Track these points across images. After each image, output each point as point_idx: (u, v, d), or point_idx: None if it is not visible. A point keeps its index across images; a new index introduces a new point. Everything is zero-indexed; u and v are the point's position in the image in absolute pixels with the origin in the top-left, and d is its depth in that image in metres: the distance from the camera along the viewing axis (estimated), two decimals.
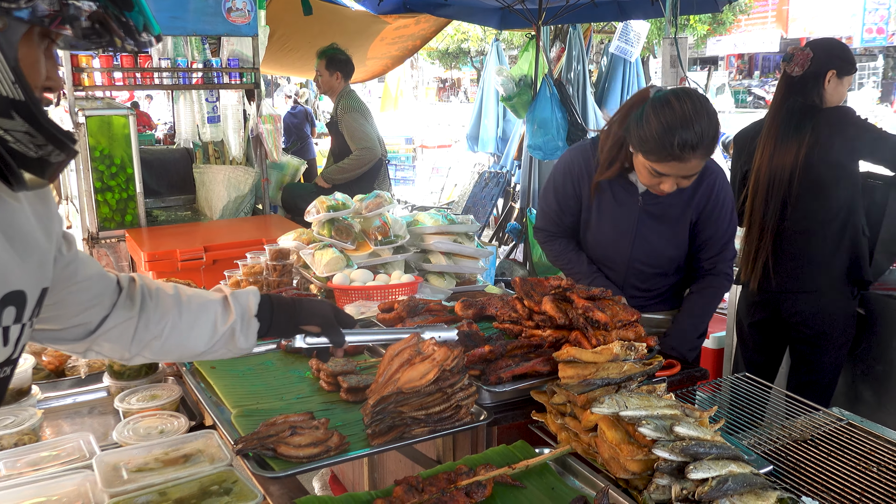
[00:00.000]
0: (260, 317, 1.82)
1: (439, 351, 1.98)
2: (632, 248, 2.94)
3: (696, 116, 2.43)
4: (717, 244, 2.86)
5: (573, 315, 2.25)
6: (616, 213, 2.90)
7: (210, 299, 1.78)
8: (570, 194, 2.95)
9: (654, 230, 2.89)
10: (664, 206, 2.84)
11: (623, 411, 1.82)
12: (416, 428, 1.93)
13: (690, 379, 2.51)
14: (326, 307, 1.94)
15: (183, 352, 1.77)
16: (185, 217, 6.27)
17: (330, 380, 2.31)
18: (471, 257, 3.59)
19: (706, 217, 2.82)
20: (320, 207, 3.35)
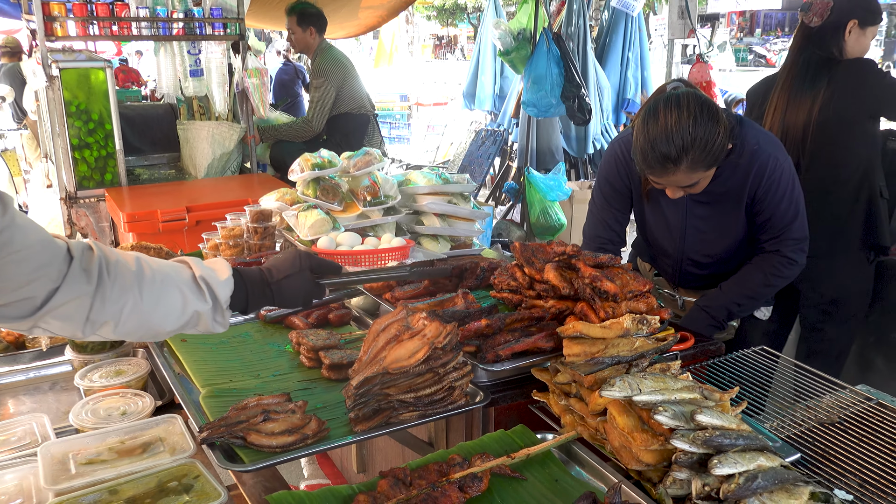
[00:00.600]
0: (234, 306, 1.67)
1: (430, 326, 1.77)
2: (682, 241, 2.73)
3: (678, 128, 2.27)
4: (776, 226, 2.61)
5: (579, 285, 2.04)
6: (663, 205, 2.69)
7: (178, 278, 1.57)
8: (621, 190, 2.79)
9: (705, 220, 2.68)
10: (714, 193, 2.60)
11: (637, 395, 1.62)
12: (405, 412, 1.73)
13: (705, 353, 2.30)
14: (304, 286, 1.77)
15: (145, 333, 1.56)
16: (168, 176, 6.02)
17: (311, 355, 2.11)
18: (466, 219, 3.36)
19: (761, 200, 2.58)
20: (304, 165, 3.10)
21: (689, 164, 2.31)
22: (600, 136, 9.37)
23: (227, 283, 1.60)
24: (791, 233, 2.64)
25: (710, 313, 2.67)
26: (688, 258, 2.80)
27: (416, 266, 1.91)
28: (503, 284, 2.34)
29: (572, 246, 2.09)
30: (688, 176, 2.36)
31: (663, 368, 1.89)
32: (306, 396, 1.93)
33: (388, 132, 14.01)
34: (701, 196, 2.61)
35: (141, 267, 1.52)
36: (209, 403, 1.84)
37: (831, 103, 3.30)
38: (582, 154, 9.32)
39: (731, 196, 2.60)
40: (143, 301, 1.50)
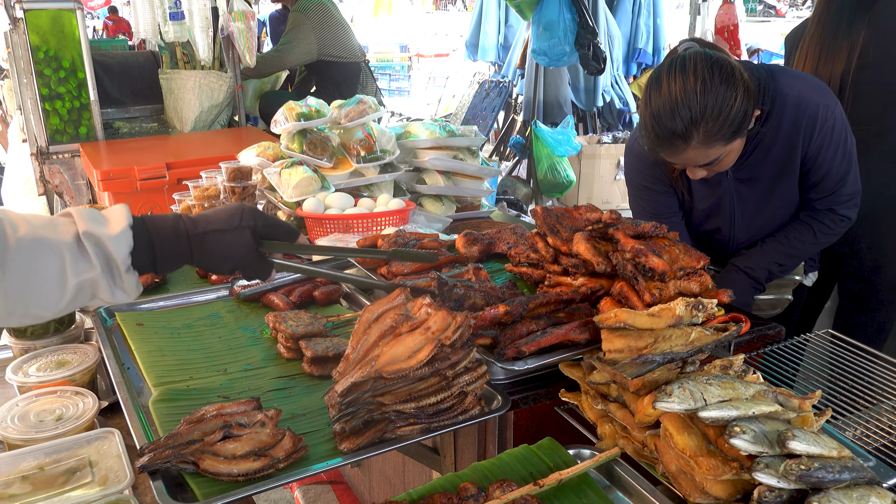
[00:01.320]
0: (138, 265, 1.26)
1: (436, 317, 1.39)
2: (732, 226, 2.34)
3: (683, 98, 1.90)
4: (829, 184, 2.23)
5: (618, 261, 1.66)
6: (706, 192, 2.31)
7: (55, 241, 1.19)
8: (657, 188, 2.38)
9: (755, 198, 2.29)
10: (759, 165, 2.21)
11: (704, 410, 1.25)
12: (403, 425, 1.36)
13: (762, 339, 1.93)
14: (238, 250, 1.34)
15: (21, 317, 1.20)
16: (150, 129, 5.59)
17: (290, 344, 1.74)
18: (474, 177, 2.97)
19: (813, 157, 2.18)
20: (289, 115, 2.70)
21: (702, 139, 1.91)
22: (610, 87, 8.91)
23: (122, 238, 1.21)
24: (845, 188, 2.25)
25: (750, 274, 2.28)
26: (741, 240, 2.41)
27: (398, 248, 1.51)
28: (521, 257, 1.96)
29: (609, 212, 1.70)
30: (703, 152, 1.95)
31: (725, 366, 1.52)
32: (283, 399, 1.56)
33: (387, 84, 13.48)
34: (744, 172, 2.21)
35: (1, 232, 1.14)
36: (160, 410, 1.48)
37: (870, 48, 2.88)
38: (591, 107, 8.87)
39: (780, 162, 2.19)
40: (5, 276, 1.12)
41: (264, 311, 2.01)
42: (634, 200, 2.46)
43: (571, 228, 1.87)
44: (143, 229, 1.26)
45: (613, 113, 9.18)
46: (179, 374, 1.64)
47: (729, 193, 2.29)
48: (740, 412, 1.25)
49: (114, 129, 5.45)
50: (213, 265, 1.33)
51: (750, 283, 2.30)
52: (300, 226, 2.62)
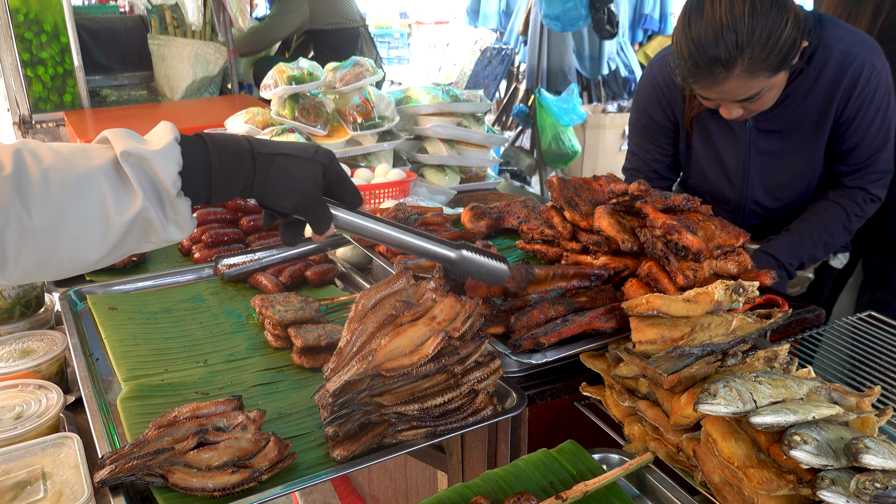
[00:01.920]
0: (191, 189, 1.04)
1: (443, 304, 1.21)
2: (745, 184, 2.14)
3: (730, 19, 1.72)
4: (861, 155, 2.02)
5: (647, 238, 1.47)
6: (720, 138, 2.12)
7: (88, 169, 0.97)
8: (661, 122, 2.23)
9: (774, 155, 2.08)
10: (786, 118, 2.00)
11: (756, 415, 1.07)
12: (406, 428, 1.19)
13: (800, 323, 1.75)
14: (310, 176, 1.12)
15: (54, 270, 0.99)
16: (139, 97, 5.37)
17: (278, 331, 1.56)
18: (479, 146, 2.77)
19: (848, 121, 1.97)
20: (279, 79, 2.49)
21: (747, 68, 1.72)
22: (615, 55, 8.64)
23: (168, 154, 1.00)
24: (878, 164, 2.04)
25: (780, 261, 2.10)
26: (752, 204, 2.21)
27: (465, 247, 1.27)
28: (535, 233, 1.77)
29: (637, 183, 1.51)
30: (746, 84, 1.76)
31: (769, 357, 1.34)
32: (268, 395, 1.39)
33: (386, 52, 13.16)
34: (768, 123, 2.01)
35: (22, 165, 0.93)
36: (129, 409, 1.30)
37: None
38: (596, 75, 8.61)
39: (810, 119, 1.99)
40: (31, 218, 0.92)
41: (251, 293, 1.83)
42: (632, 124, 2.33)
43: (591, 201, 1.68)
44: (195, 144, 1.05)
45: (619, 81, 8.91)
46: (154, 366, 1.46)
47: (745, 144, 2.08)
48: (798, 417, 1.08)
49: (101, 96, 5.23)
50: (274, 197, 1.10)
51: (778, 270, 2.10)
52: None
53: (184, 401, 1.33)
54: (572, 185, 1.71)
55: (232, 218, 2.11)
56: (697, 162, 2.23)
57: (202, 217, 2.07)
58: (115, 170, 0.98)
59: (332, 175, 1.15)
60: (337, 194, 1.17)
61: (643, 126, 2.28)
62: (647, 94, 2.23)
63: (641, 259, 1.55)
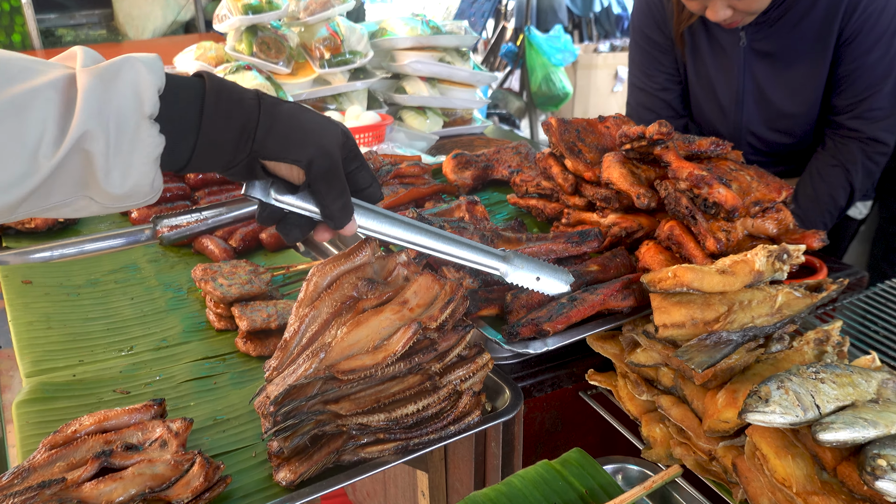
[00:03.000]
0: (168, 122, 0.76)
1: (417, 283, 0.95)
2: (740, 114, 1.92)
3: None
4: (859, 84, 1.77)
5: (668, 192, 1.20)
6: (712, 62, 1.92)
7: (32, 87, 0.69)
8: (660, 42, 2.01)
9: (772, 77, 1.85)
10: (783, 37, 1.77)
11: (824, 430, 0.81)
12: (370, 442, 0.93)
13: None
14: (330, 131, 0.86)
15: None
16: (98, 37, 5.00)
17: (221, 309, 1.29)
18: (465, 84, 2.47)
19: (848, 40, 1.73)
20: (234, 8, 2.16)
21: None
22: None
23: (149, 64, 0.74)
24: (878, 98, 1.79)
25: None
26: (748, 136, 1.97)
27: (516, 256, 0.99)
28: (529, 185, 1.49)
29: (657, 124, 1.23)
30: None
31: (820, 339, 1.09)
32: (204, 393, 1.12)
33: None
34: (763, 43, 1.78)
35: None
36: (25, 417, 1.04)
37: None
38: (587, 12, 8.22)
39: (808, 39, 1.75)
40: None
41: (196, 259, 1.55)
42: (631, 51, 2.11)
43: (597, 147, 1.40)
44: (191, 79, 0.79)
45: (611, 19, 8.53)
46: (66, 356, 1.19)
47: (739, 68, 1.85)
48: (880, 430, 0.83)
49: (56, 37, 4.85)
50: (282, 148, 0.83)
51: None
52: None
53: (96, 404, 1.07)
54: (574, 128, 1.42)
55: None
56: (693, 92, 2.01)
57: None
58: (67, 88, 0.70)
59: (351, 148, 0.89)
60: (354, 179, 0.90)
61: (643, 50, 2.04)
62: (641, 12, 2.04)
63: (658, 217, 1.29)
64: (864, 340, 1.34)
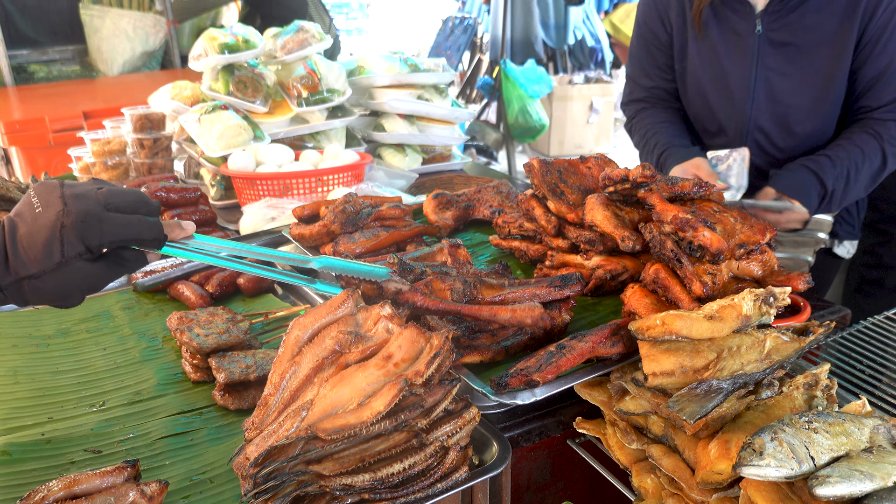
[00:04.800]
0: None
1: (402, 337, 0.92)
2: (749, 106, 1.84)
3: None
4: (892, 85, 1.73)
5: (654, 235, 1.19)
6: (724, 48, 1.85)
7: None
8: (660, 37, 2.00)
9: (787, 72, 1.79)
10: (802, 26, 1.73)
11: (820, 485, 0.80)
12: (355, 503, 0.90)
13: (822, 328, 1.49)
14: (71, 280, 0.88)
15: None
16: (71, 73, 4.95)
17: (197, 361, 1.25)
18: (443, 121, 2.46)
19: (874, 37, 1.68)
20: (210, 47, 2.15)
21: None
22: (581, 24, 8.39)
23: None
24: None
25: (819, 176, 1.76)
26: (756, 132, 1.89)
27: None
28: (512, 227, 1.48)
29: (641, 167, 1.22)
30: None
31: (809, 383, 1.08)
32: (180, 451, 1.08)
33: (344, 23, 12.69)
34: (780, 33, 1.75)
35: None
36: None
37: None
38: (562, 44, 8.36)
39: (829, 31, 1.71)
40: None
41: (172, 306, 1.51)
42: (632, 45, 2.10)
43: (579, 188, 1.40)
44: None
45: (585, 51, 8.67)
46: (34, 413, 1.15)
47: (753, 56, 1.80)
48: (876, 483, 0.81)
49: (28, 73, 4.79)
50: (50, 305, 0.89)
51: (817, 187, 1.77)
52: (228, 187, 2.10)
53: (67, 465, 1.03)
54: (556, 169, 1.42)
55: None
56: (696, 81, 1.93)
57: None
58: None
59: (106, 245, 0.90)
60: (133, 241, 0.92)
61: (644, 41, 2.04)
62: (645, 4, 2.02)
63: (643, 259, 1.28)
64: (851, 381, 1.34)
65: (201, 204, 1.82)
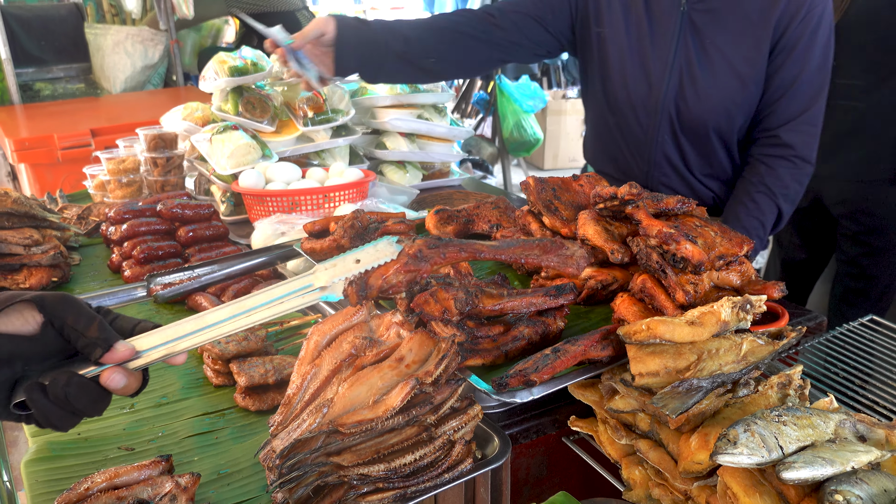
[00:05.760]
0: None
1: (412, 341, 1.02)
2: (666, 84, 1.83)
3: None
4: (798, 100, 1.78)
5: (640, 248, 1.29)
6: (648, 26, 1.83)
7: None
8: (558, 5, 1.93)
9: (709, 51, 1.80)
10: (722, 9, 1.77)
11: (787, 469, 0.90)
12: (370, 492, 0.99)
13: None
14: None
15: None
16: (76, 91, 5.05)
17: (219, 367, 1.34)
18: (442, 139, 2.57)
19: (789, 46, 1.75)
20: (220, 70, 2.25)
21: None
22: None
23: None
24: (815, 114, 1.82)
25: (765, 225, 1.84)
26: (669, 125, 1.88)
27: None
28: None
29: (628, 185, 1.33)
30: None
31: (783, 383, 1.18)
32: (207, 447, 1.18)
33: None
34: (704, 7, 1.78)
35: None
36: (35, 475, 1.08)
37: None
38: (555, 59, 8.47)
39: (750, 20, 1.75)
40: None
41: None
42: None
43: (572, 205, 1.50)
44: None
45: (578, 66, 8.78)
46: None
47: (674, 34, 1.79)
48: (836, 468, 0.91)
49: (34, 91, 4.90)
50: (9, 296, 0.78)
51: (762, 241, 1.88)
52: (237, 203, 2.20)
53: (102, 461, 1.12)
54: (550, 187, 1.52)
55: (167, 229, 1.87)
56: (619, 51, 1.89)
57: (133, 228, 1.83)
58: None
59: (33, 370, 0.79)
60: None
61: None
62: None
63: (632, 270, 1.38)
64: (825, 382, 1.44)
65: (214, 220, 1.92)
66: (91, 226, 2.04)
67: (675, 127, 1.88)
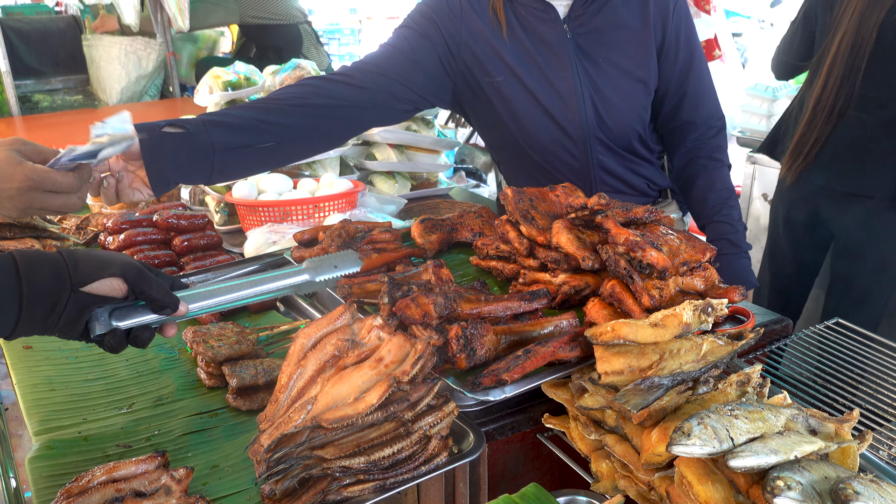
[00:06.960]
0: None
1: (390, 343, 1.09)
2: (583, 110, 1.86)
3: None
4: (705, 108, 1.93)
5: (609, 256, 1.37)
6: (542, 58, 1.83)
7: None
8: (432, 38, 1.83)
9: (605, 68, 1.85)
10: (603, 27, 1.82)
11: (735, 458, 0.97)
12: (352, 483, 1.07)
13: (767, 336, 1.68)
14: (120, 254, 1.08)
15: None
16: (75, 103, 5.13)
17: (212, 369, 1.42)
18: (430, 150, 2.65)
19: (675, 35, 1.86)
20: (214, 84, 2.33)
21: None
22: None
23: None
24: (709, 105, 1.96)
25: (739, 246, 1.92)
26: (598, 140, 1.91)
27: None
28: (489, 248, 1.66)
29: (597, 196, 1.41)
30: None
31: (741, 381, 1.26)
32: (200, 444, 1.25)
33: (336, 49, 12.95)
34: (585, 34, 1.82)
35: None
36: (38, 472, 1.16)
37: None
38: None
39: (637, 24, 1.84)
40: None
41: (186, 322, 1.67)
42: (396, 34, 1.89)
43: (548, 214, 1.58)
44: None
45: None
46: (70, 415, 1.31)
47: (570, 61, 1.82)
48: (780, 457, 0.99)
49: (32, 102, 4.98)
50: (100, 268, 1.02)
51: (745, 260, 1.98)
52: (231, 213, 2.28)
53: (102, 458, 1.19)
54: (528, 197, 1.60)
55: (163, 238, 1.95)
56: (525, 90, 1.85)
57: (130, 238, 1.91)
58: None
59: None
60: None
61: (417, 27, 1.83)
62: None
63: (603, 276, 1.46)
64: (787, 381, 1.52)
65: (208, 230, 1.99)
66: (89, 235, 2.11)
67: (607, 143, 1.92)
